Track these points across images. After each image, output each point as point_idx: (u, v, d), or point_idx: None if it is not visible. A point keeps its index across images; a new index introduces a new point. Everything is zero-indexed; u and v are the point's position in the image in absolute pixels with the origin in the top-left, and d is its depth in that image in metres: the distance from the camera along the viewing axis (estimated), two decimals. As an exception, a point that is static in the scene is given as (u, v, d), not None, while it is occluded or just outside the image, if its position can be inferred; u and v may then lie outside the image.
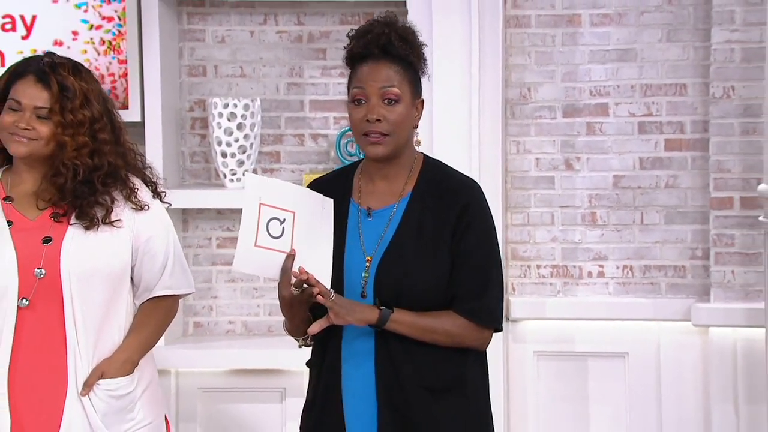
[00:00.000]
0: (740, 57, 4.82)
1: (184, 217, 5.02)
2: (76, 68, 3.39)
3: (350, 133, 4.85)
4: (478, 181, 4.71)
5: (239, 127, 4.78)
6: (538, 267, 5.04)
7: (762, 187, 4.60)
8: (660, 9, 4.92)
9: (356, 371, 3.11)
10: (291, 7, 4.92)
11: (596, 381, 4.98)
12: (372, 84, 3.08)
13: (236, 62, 5.02)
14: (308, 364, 3.27)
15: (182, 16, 5.02)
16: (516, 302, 5.00)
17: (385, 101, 3.09)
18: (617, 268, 5.00)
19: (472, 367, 3.16)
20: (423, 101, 3.18)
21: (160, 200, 3.48)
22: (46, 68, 3.33)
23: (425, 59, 3.18)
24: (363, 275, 3.10)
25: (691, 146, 4.94)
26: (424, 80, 4.60)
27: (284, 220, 3.06)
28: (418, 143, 3.31)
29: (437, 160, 3.28)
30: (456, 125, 4.80)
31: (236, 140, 4.79)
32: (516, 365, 5.01)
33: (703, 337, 4.88)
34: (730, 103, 4.82)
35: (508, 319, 5.00)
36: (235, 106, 4.78)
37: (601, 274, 5.01)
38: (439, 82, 4.75)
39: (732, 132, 4.83)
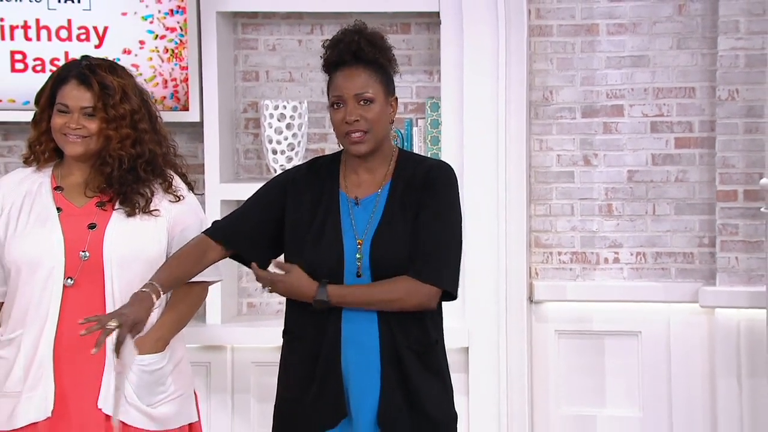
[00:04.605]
0: (744, 63, 4.88)
1: (239, 208, 5.18)
2: (112, 67, 3.45)
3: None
4: (505, 175, 4.81)
5: (288, 126, 4.86)
6: (559, 254, 5.11)
7: (764, 181, 4.70)
8: (671, 19, 4.99)
9: (359, 339, 3.18)
10: (335, 18, 4.97)
11: (612, 357, 5.06)
12: (347, 89, 3.17)
13: (286, 68, 5.12)
14: (288, 333, 3.29)
15: (237, 27, 5.11)
16: (539, 286, 5.08)
17: (361, 102, 3.17)
18: (631, 254, 5.05)
19: (441, 335, 3.28)
20: (396, 99, 3.25)
21: (193, 191, 3.56)
22: (86, 71, 3.40)
23: (393, 59, 3.25)
24: (357, 257, 3.17)
25: (698, 144, 5.01)
26: (456, 85, 4.78)
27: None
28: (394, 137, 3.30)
29: (410, 151, 3.28)
30: (485, 125, 4.87)
31: (285, 139, 4.86)
32: (539, 343, 5.08)
33: (709, 317, 4.94)
34: (734, 105, 4.88)
35: (531, 301, 5.06)
36: (285, 107, 4.86)
37: (616, 260, 5.08)
38: (470, 86, 4.85)
39: (736, 131, 4.89)
